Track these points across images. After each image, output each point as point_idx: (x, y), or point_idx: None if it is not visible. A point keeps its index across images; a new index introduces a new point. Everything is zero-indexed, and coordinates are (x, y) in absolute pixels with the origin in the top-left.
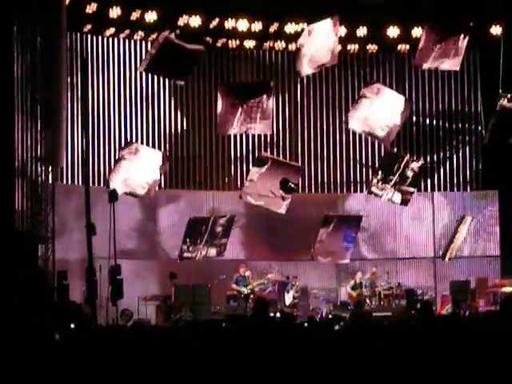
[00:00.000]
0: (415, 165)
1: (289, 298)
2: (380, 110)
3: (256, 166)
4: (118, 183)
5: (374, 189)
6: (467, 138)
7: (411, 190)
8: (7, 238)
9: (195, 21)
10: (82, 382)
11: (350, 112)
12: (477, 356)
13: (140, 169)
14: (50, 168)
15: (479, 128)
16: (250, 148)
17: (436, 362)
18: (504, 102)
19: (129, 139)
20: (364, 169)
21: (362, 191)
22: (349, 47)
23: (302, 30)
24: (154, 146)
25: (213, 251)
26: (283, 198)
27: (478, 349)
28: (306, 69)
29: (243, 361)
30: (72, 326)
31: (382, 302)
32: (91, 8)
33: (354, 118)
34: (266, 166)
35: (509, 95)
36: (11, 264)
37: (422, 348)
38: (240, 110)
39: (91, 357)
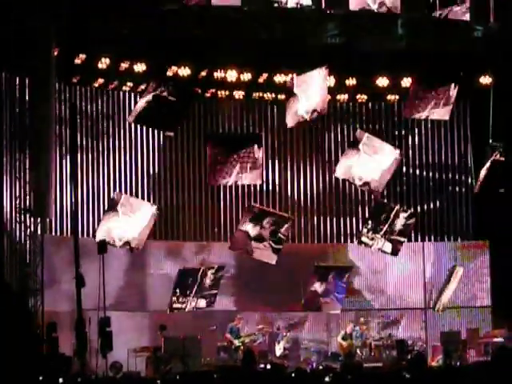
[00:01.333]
0: (405, 215)
1: (279, 349)
2: (370, 160)
3: (247, 220)
4: (106, 234)
5: (363, 238)
6: (457, 189)
7: (401, 239)
8: None
9: (184, 71)
10: None
11: (340, 162)
12: None
13: (129, 219)
14: (39, 220)
15: (469, 178)
16: (240, 198)
17: None
18: (496, 156)
19: (118, 190)
20: (354, 219)
21: (352, 241)
22: (338, 97)
23: (291, 80)
24: (143, 197)
25: (202, 302)
26: (274, 249)
27: None
28: (295, 118)
29: None
30: (60, 380)
31: (372, 353)
32: (80, 59)
33: (343, 168)
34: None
35: (501, 149)
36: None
37: None
38: (229, 160)
39: None
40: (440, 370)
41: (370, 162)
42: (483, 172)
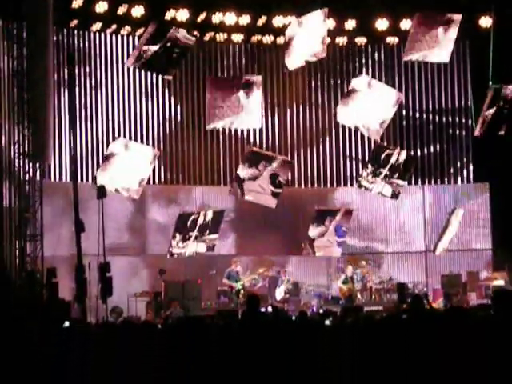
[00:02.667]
0: (405, 158)
1: (280, 293)
2: (369, 104)
3: (247, 160)
4: (106, 180)
5: (363, 182)
6: (457, 131)
7: (401, 183)
8: None
9: (182, 14)
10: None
11: (340, 105)
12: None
13: (129, 164)
14: (38, 165)
15: (469, 121)
16: (240, 142)
17: (428, 354)
18: (507, 91)
19: (117, 134)
20: (354, 162)
21: (352, 185)
22: (337, 40)
23: (290, 23)
24: (142, 141)
25: (202, 247)
26: (273, 193)
27: (472, 342)
28: (295, 62)
29: (233, 356)
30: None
31: (373, 297)
32: (77, 3)
33: (343, 112)
34: (255, 161)
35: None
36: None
37: (415, 341)
38: (228, 104)
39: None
40: (440, 312)
41: (369, 106)
42: (485, 114)
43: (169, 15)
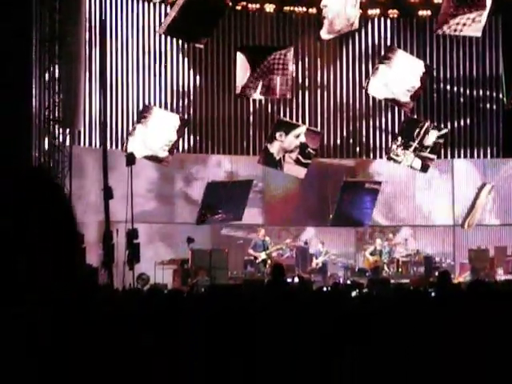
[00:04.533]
0: (436, 131)
1: (317, 264)
2: (400, 76)
3: (276, 130)
4: (136, 146)
5: (393, 155)
6: (488, 105)
7: (431, 156)
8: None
9: None
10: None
11: (370, 78)
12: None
13: (158, 132)
14: (68, 130)
15: (500, 95)
16: (269, 112)
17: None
18: None
19: (147, 102)
20: (384, 134)
21: (381, 157)
22: (369, 12)
23: None
24: (172, 110)
25: (230, 216)
26: (302, 163)
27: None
28: (327, 33)
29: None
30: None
31: (400, 269)
32: None
33: (373, 84)
34: (286, 130)
35: None
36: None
37: (440, 316)
38: (260, 73)
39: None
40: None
41: (401, 78)
42: None
43: None
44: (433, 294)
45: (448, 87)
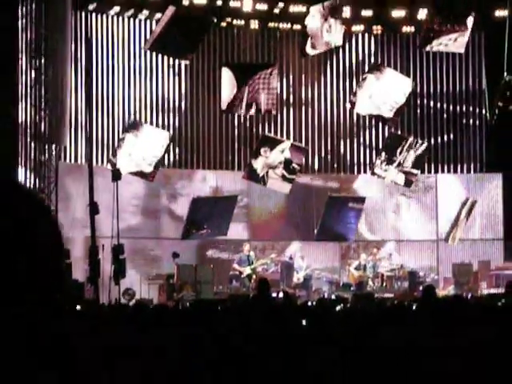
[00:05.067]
0: (419, 147)
1: (298, 279)
2: (384, 92)
3: (261, 145)
4: (120, 162)
5: (377, 170)
6: (472, 121)
7: (415, 171)
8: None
9: (200, 0)
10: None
11: (355, 93)
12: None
13: (144, 147)
14: (54, 146)
15: (484, 110)
16: (254, 127)
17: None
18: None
19: (132, 119)
20: (368, 150)
21: (365, 172)
22: (354, 28)
23: (307, 11)
24: (157, 125)
25: (215, 231)
26: (287, 179)
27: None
28: (311, 49)
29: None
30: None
31: (384, 284)
32: None
33: (358, 100)
34: (271, 146)
35: None
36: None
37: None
38: (245, 89)
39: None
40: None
41: (385, 94)
42: (499, 104)
43: (187, 0)
44: (414, 308)
45: (432, 103)
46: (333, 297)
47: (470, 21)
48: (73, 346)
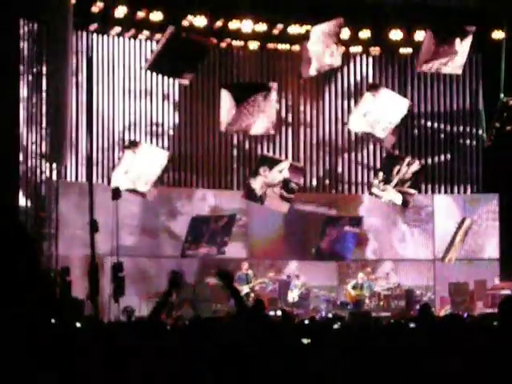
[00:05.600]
0: (416, 167)
1: (293, 297)
2: (381, 112)
3: (260, 165)
4: (120, 181)
5: (374, 190)
6: (468, 141)
7: (412, 191)
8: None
9: (200, 21)
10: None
11: (352, 113)
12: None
13: (143, 166)
14: (55, 165)
15: (480, 131)
16: (253, 147)
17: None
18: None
19: (132, 137)
20: (365, 170)
21: (363, 192)
22: (352, 49)
23: (306, 32)
24: (157, 144)
25: (214, 250)
26: (285, 198)
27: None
28: (309, 70)
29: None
30: (78, 324)
31: (381, 303)
32: (97, 7)
33: (355, 120)
34: (269, 166)
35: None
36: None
37: (421, 348)
38: (243, 110)
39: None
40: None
41: (382, 114)
42: (495, 125)
43: (186, 21)
44: (411, 326)
45: (428, 123)
46: (330, 315)
47: (467, 42)
48: (73, 346)
